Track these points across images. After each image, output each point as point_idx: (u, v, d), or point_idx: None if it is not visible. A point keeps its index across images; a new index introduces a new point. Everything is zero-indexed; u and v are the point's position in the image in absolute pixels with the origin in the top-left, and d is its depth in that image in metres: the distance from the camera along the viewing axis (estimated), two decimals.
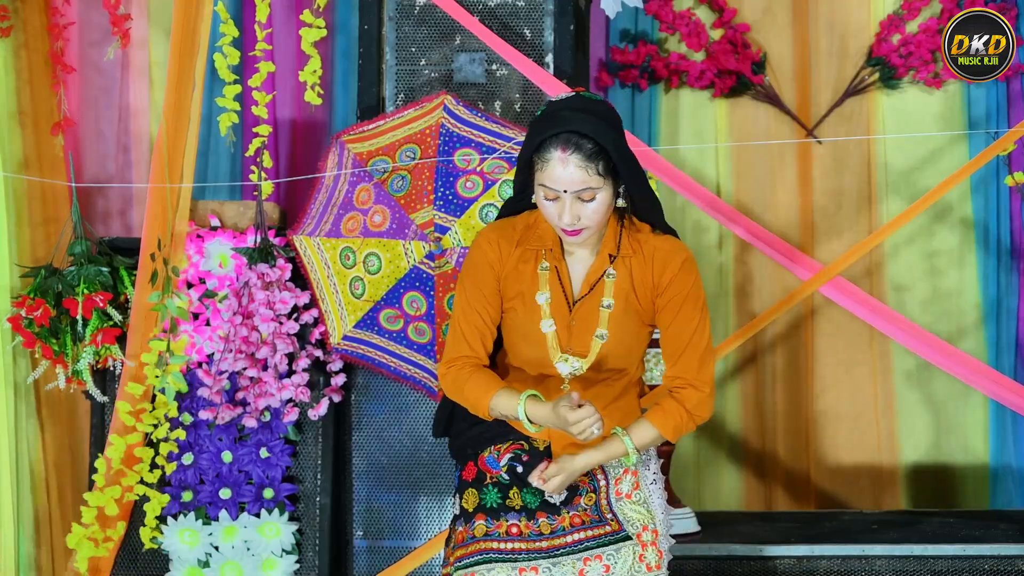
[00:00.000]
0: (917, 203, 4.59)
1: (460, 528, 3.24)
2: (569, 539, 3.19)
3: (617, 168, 3.09)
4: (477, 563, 3.17)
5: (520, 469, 3.21)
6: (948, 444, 5.50)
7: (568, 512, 3.20)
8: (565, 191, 3.07)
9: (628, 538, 3.20)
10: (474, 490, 3.23)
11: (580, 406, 3.00)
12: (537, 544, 3.19)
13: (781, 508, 5.51)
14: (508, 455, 3.22)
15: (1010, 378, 4.70)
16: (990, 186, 5.43)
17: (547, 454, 3.21)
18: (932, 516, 4.99)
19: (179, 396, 4.44)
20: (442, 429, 3.35)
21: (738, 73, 5.52)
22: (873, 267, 5.52)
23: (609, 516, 3.21)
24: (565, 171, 3.05)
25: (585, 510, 3.21)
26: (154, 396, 4.43)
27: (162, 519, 4.44)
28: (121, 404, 4.37)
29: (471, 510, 3.22)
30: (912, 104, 5.55)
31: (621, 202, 3.15)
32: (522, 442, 3.22)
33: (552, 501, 3.20)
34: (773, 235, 4.64)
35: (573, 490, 3.21)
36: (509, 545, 3.18)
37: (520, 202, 3.24)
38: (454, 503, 3.29)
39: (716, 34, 5.57)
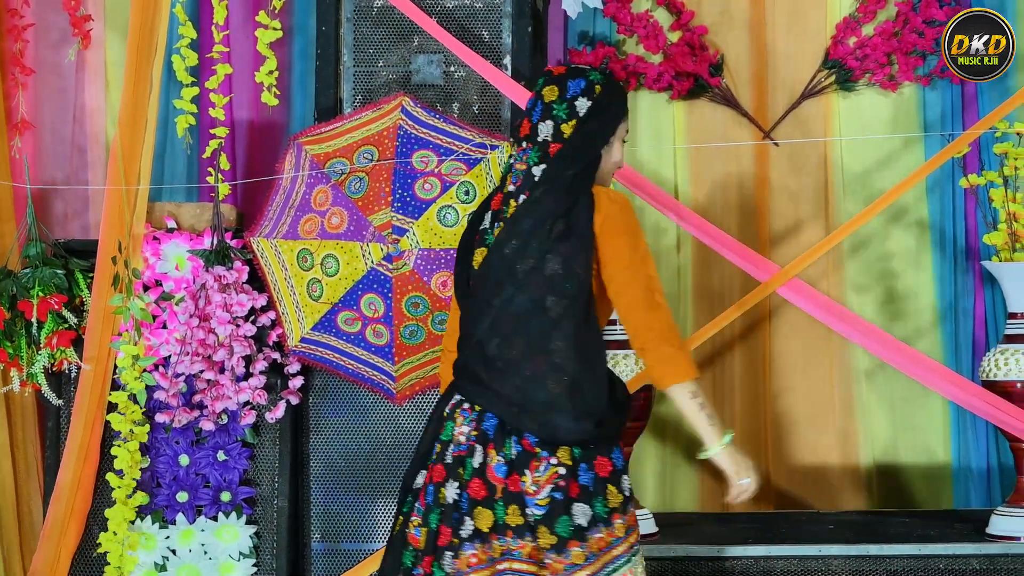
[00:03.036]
0: (873, 205, 4.62)
1: (632, 510, 3.31)
2: None
3: None
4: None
5: None
6: (906, 444, 5.52)
7: None
8: None
9: None
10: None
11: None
12: None
13: (739, 509, 5.51)
14: None
15: (966, 378, 4.71)
16: (945, 188, 5.45)
17: None
18: (889, 516, 5.02)
19: (135, 399, 4.42)
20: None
21: (696, 75, 5.53)
22: (831, 268, 5.54)
23: None
24: None
25: None
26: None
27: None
28: (114, 417, 4.39)
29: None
30: (868, 107, 5.56)
31: None
32: None
33: None
34: (731, 237, 4.66)
35: None
36: None
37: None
38: (623, 486, 3.30)
39: (674, 36, 5.57)
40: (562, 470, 3.20)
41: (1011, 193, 4.54)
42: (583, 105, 3.34)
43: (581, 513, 3.18)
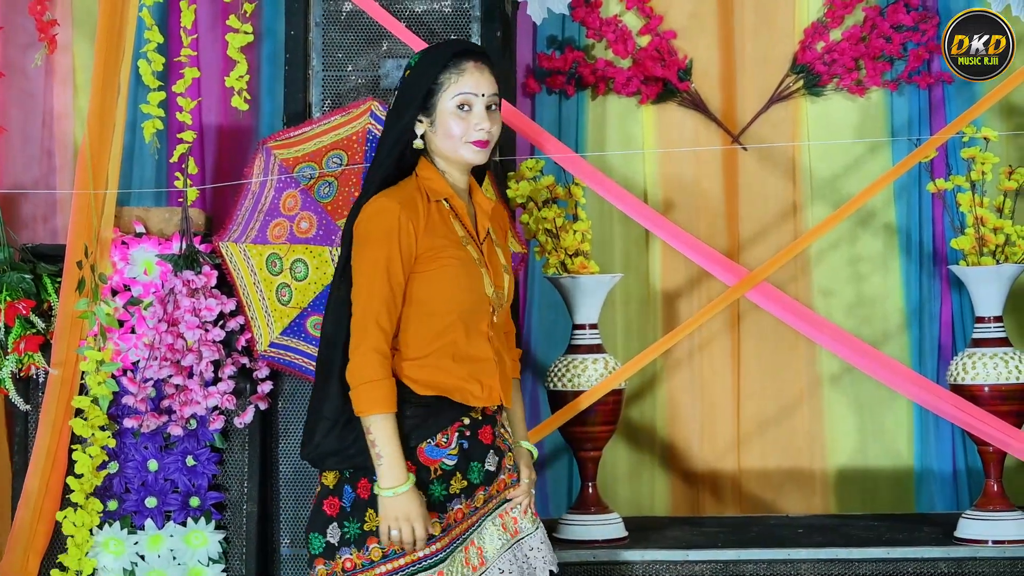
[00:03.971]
0: (841, 209, 4.63)
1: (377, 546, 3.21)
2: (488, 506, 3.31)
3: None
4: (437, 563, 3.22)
5: (467, 445, 3.25)
6: (873, 448, 5.54)
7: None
8: (483, 94, 3.22)
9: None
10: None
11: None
12: (470, 519, 3.26)
13: (708, 513, 5.54)
14: (455, 435, 3.25)
15: (933, 382, 4.74)
16: (912, 192, 5.48)
17: (491, 420, 3.30)
18: (857, 520, 5.04)
19: (97, 402, 4.41)
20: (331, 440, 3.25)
21: (664, 80, 5.54)
22: (799, 272, 5.56)
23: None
24: (483, 76, 3.23)
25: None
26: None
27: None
28: (77, 422, 4.35)
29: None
30: (836, 111, 5.59)
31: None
32: (462, 419, 3.27)
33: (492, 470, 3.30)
34: (699, 241, 4.67)
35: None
36: (455, 531, 3.25)
37: (387, 167, 3.28)
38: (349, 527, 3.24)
39: (643, 41, 5.58)
40: (318, 488, 3.29)
41: (978, 197, 4.56)
42: (395, 100, 3.33)
43: (333, 533, 3.22)
